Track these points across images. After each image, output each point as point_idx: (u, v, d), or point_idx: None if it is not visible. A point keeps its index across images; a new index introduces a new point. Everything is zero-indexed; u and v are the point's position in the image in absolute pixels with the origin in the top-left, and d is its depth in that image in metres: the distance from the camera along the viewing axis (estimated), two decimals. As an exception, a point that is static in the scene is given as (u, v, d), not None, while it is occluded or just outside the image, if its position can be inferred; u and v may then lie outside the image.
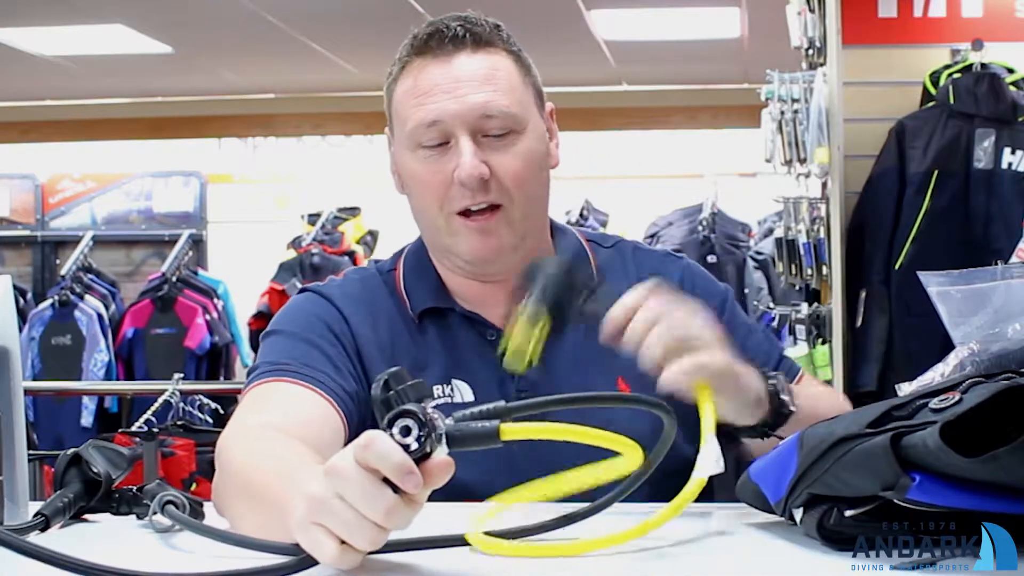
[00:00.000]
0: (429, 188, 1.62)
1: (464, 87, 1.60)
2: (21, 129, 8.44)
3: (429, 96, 1.61)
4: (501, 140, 1.61)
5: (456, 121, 1.59)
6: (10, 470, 1.27)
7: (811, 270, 4.06)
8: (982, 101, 3.88)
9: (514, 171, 1.61)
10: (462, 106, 1.59)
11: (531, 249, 1.65)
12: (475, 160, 1.58)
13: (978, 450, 1.01)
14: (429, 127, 1.61)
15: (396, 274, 1.73)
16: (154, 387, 4.44)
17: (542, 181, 1.67)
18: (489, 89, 1.61)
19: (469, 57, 1.62)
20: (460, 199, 1.60)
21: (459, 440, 1.05)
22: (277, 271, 7.09)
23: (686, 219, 6.54)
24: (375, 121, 9.23)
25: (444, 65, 1.62)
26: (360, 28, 6.57)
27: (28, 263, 7.64)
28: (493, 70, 1.62)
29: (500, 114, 1.60)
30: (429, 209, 1.64)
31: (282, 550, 1.13)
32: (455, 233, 1.62)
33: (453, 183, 1.60)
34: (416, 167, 1.64)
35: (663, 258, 1.77)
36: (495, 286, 1.66)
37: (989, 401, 1.05)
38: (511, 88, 1.62)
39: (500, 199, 1.60)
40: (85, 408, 6.46)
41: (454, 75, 1.61)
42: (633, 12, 6.36)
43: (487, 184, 1.59)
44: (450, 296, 1.69)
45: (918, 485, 1.04)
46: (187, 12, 6.30)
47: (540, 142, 1.66)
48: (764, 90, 4.07)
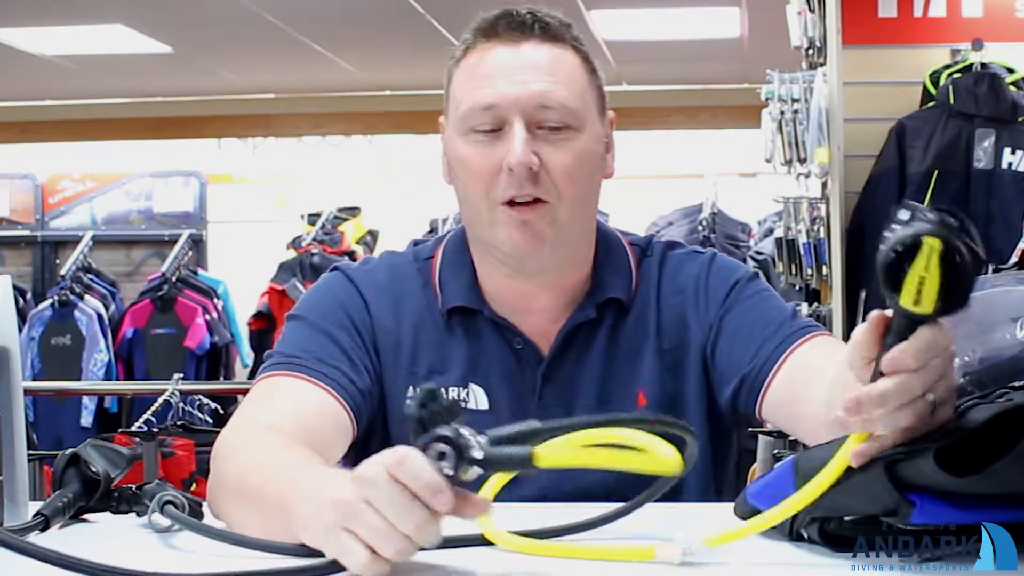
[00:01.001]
0: (476, 174, 1.56)
1: (525, 74, 1.55)
2: (21, 129, 8.43)
3: (488, 79, 1.56)
4: (556, 134, 1.55)
5: (512, 107, 1.54)
6: (10, 470, 1.27)
7: (811, 270, 4.06)
8: (982, 101, 3.88)
9: (565, 168, 1.55)
10: (521, 92, 1.54)
11: (572, 256, 1.62)
12: (526, 148, 1.53)
13: (972, 463, 1.02)
14: (484, 111, 1.55)
15: (433, 263, 1.68)
16: (154, 387, 4.44)
17: (593, 185, 1.62)
18: (550, 80, 1.56)
19: (535, 46, 1.58)
20: (507, 188, 1.54)
21: (493, 464, 1.04)
22: (277, 271, 7.09)
23: (686, 219, 6.55)
24: (375, 121, 9.21)
25: (508, 50, 1.57)
26: (360, 28, 6.57)
27: (28, 263, 7.64)
28: (558, 62, 1.57)
29: (559, 106, 1.55)
30: (474, 196, 1.57)
31: (284, 550, 1.13)
32: (496, 223, 1.56)
33: (501, 171, 1.54)
34: (466, 151, 1.58)
35: (684, 258, 1.70)
36: (533, 289, 1.62)
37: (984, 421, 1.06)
38: (573, 82, 1.58)
39: (547, 195, 1.55)
40: (85, 408, 6.46)
41: (517, 61, 1.56)
42: (633, 12, 6.36)
43: (536, 176, 1.53)
44: (483, 297, 1.63)
45: (920, 509, 1.04)
46: (187, 12, 6.30)
47: (597, 144, 1.61)
48: (764, 90, 4.07)
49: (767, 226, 6.40)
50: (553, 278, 1.62)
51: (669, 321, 1.64)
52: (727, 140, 8.08)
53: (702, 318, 1.63)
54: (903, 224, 1.01)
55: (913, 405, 1.03)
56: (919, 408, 1.03)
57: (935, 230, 0.99)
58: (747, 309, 1.63)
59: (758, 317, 1.61)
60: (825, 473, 1.08)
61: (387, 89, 8.39)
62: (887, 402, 1.02)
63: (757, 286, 1.66)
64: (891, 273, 1.00)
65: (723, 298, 1.64)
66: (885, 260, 1.00)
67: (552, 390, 1.61)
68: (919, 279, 1.00)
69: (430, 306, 1.65)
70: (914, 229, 1.00)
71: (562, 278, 1.63)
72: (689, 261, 1.68)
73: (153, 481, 1.39)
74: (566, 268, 1.63)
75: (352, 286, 1.64)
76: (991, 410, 1.07)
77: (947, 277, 1.00)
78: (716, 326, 1.62)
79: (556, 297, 1.63)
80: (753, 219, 6.77)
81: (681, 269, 1.67)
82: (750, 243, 6.44)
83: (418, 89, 8.19)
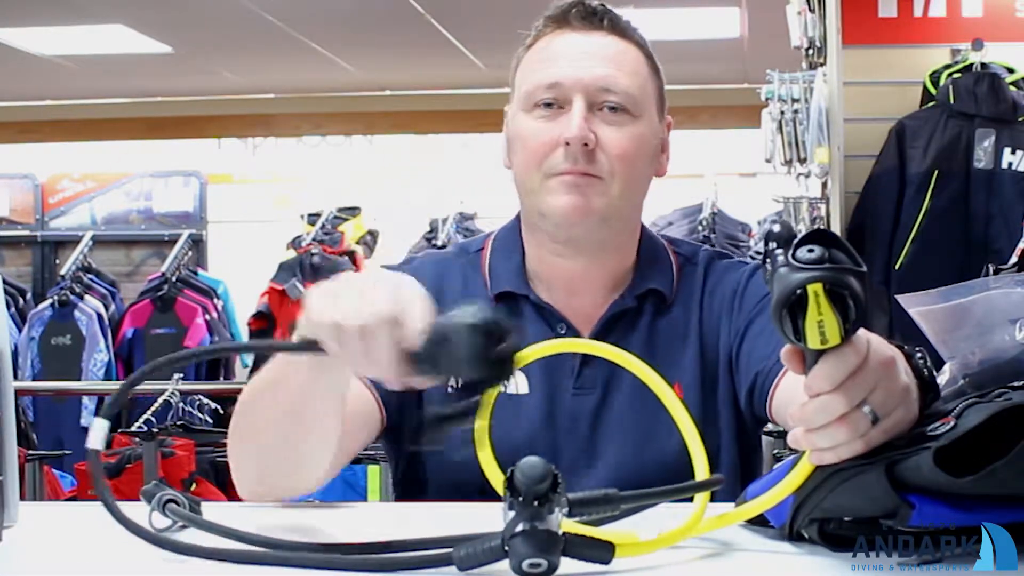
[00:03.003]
0: (533, 148, 1.62)
1: (591, 60, 1.62)
2: (21, 129, 8.44)
3: (554, 61, 1.63)
4: (615, 115, 1.61)
5: (575, 86, 1.60)
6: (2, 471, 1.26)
7: (811, 270, 4.05)
8: (982, 101, 3.88)
9: (621, 147, 1.61)
10: (584, 74, 1.61)
11: (616, 239, 1.66)
12: (584, 124, 1.59)
13: (972, 463, 1.02)
14: (548, 88, 1.61)
15: (483, 254, 1.74)
16: (154, 387, 4.43)
17: (645, 174, 1.67)
18: (614, 67, 1.63)
19: (603, 36, 1.65)
20: (562, 162, 1.60)
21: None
22: (277, 271, 7.08)
23: (686, 219, 6.55)
24: (375, 121, 9.20)
25: (577, 37, 1.65)
26: (360, 28, 6.57)
27: (28, 263, 7.64)
28: (624, 54, 1.65)
29: (620, 91, 1.61)
30: (529, 170, 1.63)
31: (283, 546, 1.13)
32: (548, 192, 1.61)
33: (558, 146, 1.60)
34: (526, 125, 1.63)
35: (728, 268, 1.74)
36: (579, 268, 1.66)
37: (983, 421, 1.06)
38: (636, 74, 1.64)
39: (601, 172, 1.60)
40: (85, 408, 6.46)
41: (585, 48, 1.64)
42: (633, 12, 6.35)
43: (592, 154, 1.59)
44: (528, 283, 1.69)
45: (918, 511, 1.05)
46: (187, 12, 6.30)
47: (653, 135, 1.67)
48: (764, 90, 4.08)
49: (767, 226, 6.40)
50: (598, 257, 1.66)
51: (709, 327, 1.69)
52: (727, 140, 8.08)
53: (733, 324, 1.67)
54: (781, 267, 1.04)
55: (847, 421, 1.06)
56: (855, 422, 1.06)
57: (813, 276, 1.02)
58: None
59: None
60: (788, 480, 1.12)
61: (387, 89, 8.39)
62: (812, 422, 1.07)
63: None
64: (789, 327, 1.04)
65: (753, 306, 1.67)
66: (779, 319, 1.04)
67: (590, 374, 1.64)
68: (817, 323, 1.04)
69: (479, 292, 1.69)
70: (795, 281, 1.03)
71: (606, 260, 1.67)
72: (733, 271, 1.73)
73: (152, 481, 1.39)
74: (610, 251, 1.67)
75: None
76: (989, 409, 1.07)
77: (842, 308, 1.03)
78: (742, 331, 1.66)
79: (600, 280, 1.67)
80: (753, 219, 6.77)
81: (724, 277, 1.71)
82: (750, 243, 6.44)
83: (418, 89, 8.20)
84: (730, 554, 1.17)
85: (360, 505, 3.12)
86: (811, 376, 1.07)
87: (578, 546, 1.06)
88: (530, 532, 1.02)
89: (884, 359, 1.09)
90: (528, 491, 1.02)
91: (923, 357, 1.23)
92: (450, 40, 6.72)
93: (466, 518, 1.21)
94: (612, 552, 1.07)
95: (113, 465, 4.02)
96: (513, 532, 1.02)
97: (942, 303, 1.27)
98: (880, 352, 1.08)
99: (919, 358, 1.21)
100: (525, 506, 1.02)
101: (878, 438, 1.08)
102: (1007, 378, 1.15)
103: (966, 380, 1.22)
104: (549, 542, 1.02)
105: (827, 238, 1.05)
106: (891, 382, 1.09)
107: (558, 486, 1.04)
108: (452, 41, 6.74)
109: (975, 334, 1.23)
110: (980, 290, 1.24)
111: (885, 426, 1.08)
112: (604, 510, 1.10)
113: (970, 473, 1.01)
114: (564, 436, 1.62)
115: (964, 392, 1.20)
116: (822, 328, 1.03)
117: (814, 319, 1.03)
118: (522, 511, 1.02)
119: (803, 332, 1.04)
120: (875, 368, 1.07)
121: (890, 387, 1.09)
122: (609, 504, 1.10)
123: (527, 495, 1.02)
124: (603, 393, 1.63)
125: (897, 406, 1.09)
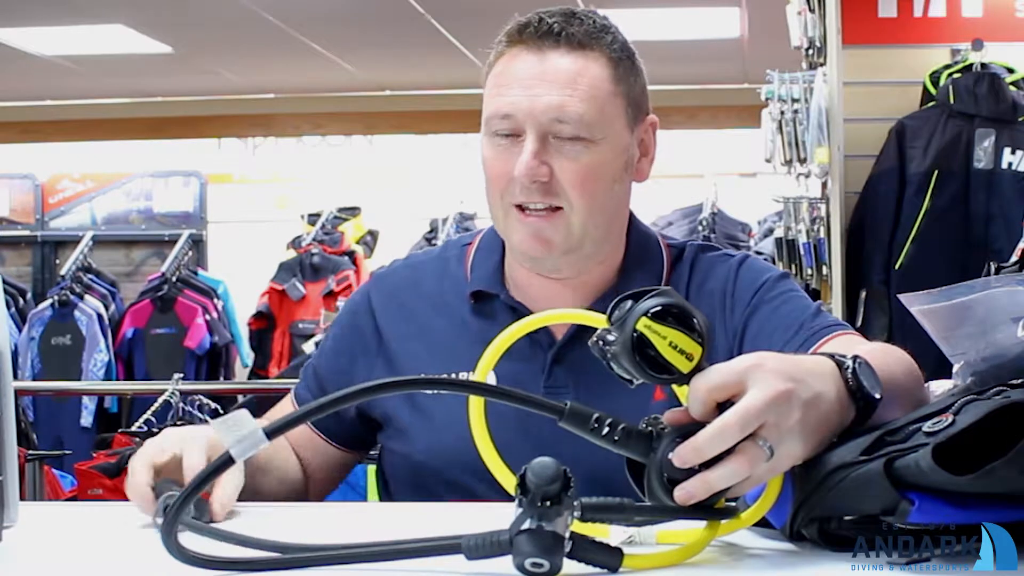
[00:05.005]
0: (494, 176, 1.62)
1: (543, 86, 1.58)
2: (21, 129, 8.44)
3: (508, 88, 1.59)
4: (571, 144, 1.58)
5: (527, 119, 1.57)
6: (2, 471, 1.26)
7: (811, 270, 4.06)
8: (982, 101, 3.88)
9: (577, 177, 1.58)
10: (535, 105, 1.57)
11: (592, 257, 1.65)
12: (533, 161, 1.57)
13: (971, 462, 1.02)
14: (502, 119, 1.59)
15: (469, 249, 1.74)
16: (154, 387, 4.43)
17: (613, 193, 1.63)
18: (567, 92, 1.57)
19: (559, 56, 1.59)
20: (519, 193, 1.59)
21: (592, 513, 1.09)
22: (277, 271, 7.09)
23: (686, 219, 6.55)
24: (375, 121, 9.21)
25: (531, 58, 1.59)
26: (360, 28, 6.57)
27: (28, 263, 7.64)
28: (578, 75, 1.59)
29: (574, 120, 1.57)
30: (493, 196, 1.63)
31: (279, 548, 1.13)
32: (510, 225, 1.62)
33: (514, 177, 1.59)
34: (487, 152, 1.63)
35: (714, 261, 1.71)
36: (555, 286, 1.66)
37: (982, 419, 1.06)
38: (593, 97, 1.59)
39: (560, 202, 1.59)
40: (85, 408, 6.46)
41: (537, 71, 1.59)
42: (633, 12, 6.36)
43: (547, 186, 1.58)
44: (503, 283, 1.69)
45: (918, 508, 1.04)
46: (187, 12, 6.30)
47: (617, 155, 1.62)
48: (764, 90, 4.07)
49: (767, 226, 6.41)
50: (574, 279, 1.66)
51: None
52: (727, 140, 8.09)
53: (728, 323, 1.65)
54: (609, 343, 1.11)
55: (744, 455, 1.09)
56: (751, 455, 1.09)
57: (633, 317, 1.10)
58: (769, 312, 1.64)
59: (780, 320, 1.62)
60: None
61: (387, 89, 8.40)
62: (694, 460, 1.09)
63: (782, 287, 1.67)
64: (654, 370, 1.10)
65: (748, 302, 1.65)
66: (641, 370, 1.10)
67: (561, 372, 1.63)
68: (670, 345, 1.09)
69: (457, 288, 1.70)
70: (626, 331, 1.10)
71: (586, 277, 1.66)
72: (720, 264, 1.70)
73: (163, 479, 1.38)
74: (589, 268, 1.66)
75: (367, 301, 1.75)
76: (988, 407, 1.07)
77: (685, 326, 1.10)
78: (740, 332, 1.63)
79: (578, 295, 1.66)
80: (753, 219, 6.77)
81: (711, 272, 1.69)
82: (750, 243, 6.44)
83: (418, 89, 8.20)
84: (730, 554, 1.17)
85: (360, 505, 3.12)
86: (692, 394, 1.10)
87: (585, 550, 1.06)
88: (535, 532, 1.02)
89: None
90: (537, 491, 1.03)
91: (853, 370, 1.17)
92: (450, 40, 6.72)
93: (473, 519, 1.21)
94: (620, 559, 1.07)
95: (113, 465, 4.02)
96: (519, 530, 1.03)
97: (944, 302, 1.27)
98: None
99: (847, 368, 1.18)
100: (533, 506, 1.03)
101: (777, 470, 1.12)
102: (1009, 376, 1.16)
103: (973, 379, 1.22)
104: (553, 543, 1.02)
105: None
106: (785, 420, 1.10)
107: (569, 489, 1.04)
108: (452, 41, 6.73)
109: (978, 332, 1.23)
110: (982, 289, 1.24)
111: (781, 460, 1.10)
112: (617, 518, 1.10)
113: (970, 471, 1.01)
114: (535, 435, 1.53)
115: (968, 389, 1.20)
116: (677, 346, 1.09)
117: (664, 345, 1.09)
118: (530, 510, 1.03)
119: (668, 362, 1.09)
120: (762, 405, 1.09)
121: (786, 424, 1.10)
122: (622, 513, 1.10)
123: (536, 495, 1.03)
124: (575, 393, 1.59)
125: (787, 442, 1.10)
